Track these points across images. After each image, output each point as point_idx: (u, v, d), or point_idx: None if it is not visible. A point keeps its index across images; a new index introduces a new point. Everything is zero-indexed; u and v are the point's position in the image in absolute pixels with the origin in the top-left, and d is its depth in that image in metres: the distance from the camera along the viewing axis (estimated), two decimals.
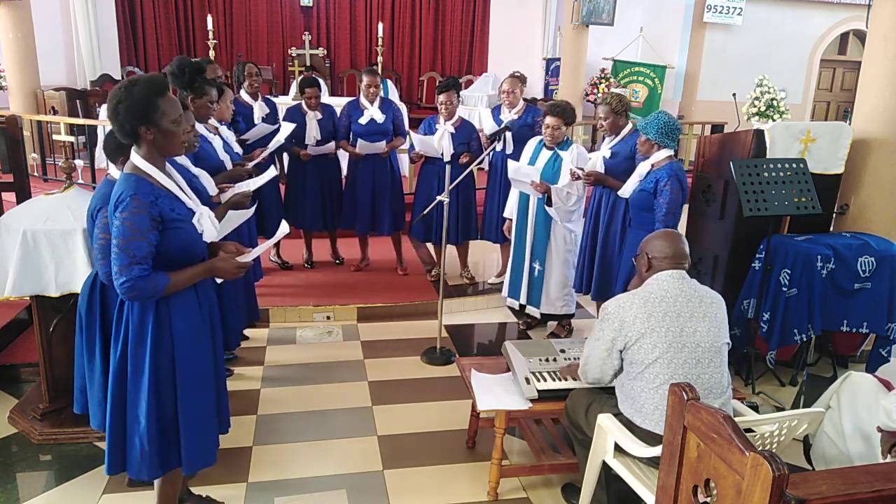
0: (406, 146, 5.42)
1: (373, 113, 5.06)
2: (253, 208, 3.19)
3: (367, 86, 5.05)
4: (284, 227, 2.61)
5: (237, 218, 2.95)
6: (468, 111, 8.11)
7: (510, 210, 4.58)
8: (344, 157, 5.51)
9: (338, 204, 5.33)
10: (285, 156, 5.26)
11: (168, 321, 2.24)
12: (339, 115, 5.21)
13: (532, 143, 4.43)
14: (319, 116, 5.09)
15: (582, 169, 4.09)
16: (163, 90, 2.15)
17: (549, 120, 4.18)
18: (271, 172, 3.61)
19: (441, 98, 4.88)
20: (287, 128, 4.64)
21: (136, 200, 2.09)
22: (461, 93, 7.29)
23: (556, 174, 4.17)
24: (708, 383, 2.37)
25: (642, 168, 3.69)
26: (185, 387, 2.28)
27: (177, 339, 2.26)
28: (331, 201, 5.29)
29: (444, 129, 4.89)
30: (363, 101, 5.10)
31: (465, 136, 4.93)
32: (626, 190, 3.79)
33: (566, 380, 2.89)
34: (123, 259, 2.09)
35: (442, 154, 4.88)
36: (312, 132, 5.06)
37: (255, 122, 4.92)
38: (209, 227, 2.32)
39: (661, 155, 3.56)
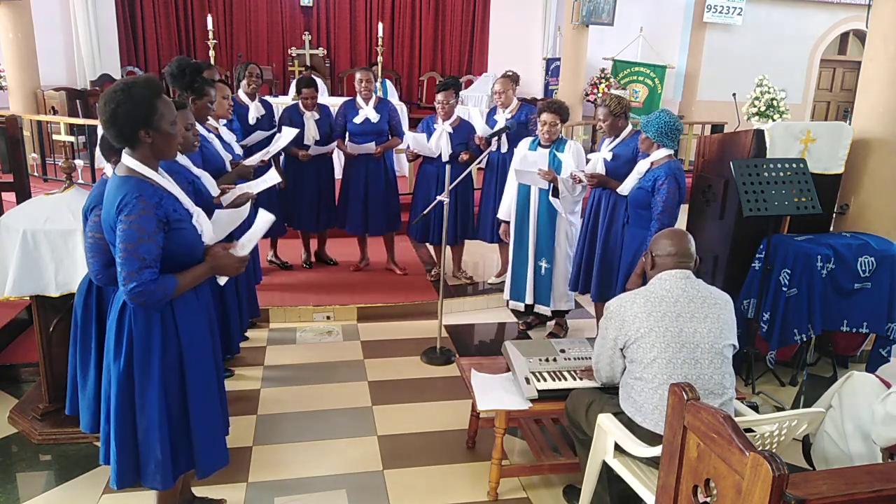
0: (404, 146, 5.41)
1: (367, 113, 5.05)
2: (246, 208, 3.17)
3: (359, 81, 5.04)
4: (268, 216, 2.54)
5: (233, 218, 2.92)
6: (468, 111, 8.10)
7: (504, 212, 4.56)
8: (339, 158, 5.51)
9: (333, 204, 5.33)
10: (281, 156, 5.25)
11: (174, 327, 2.21)
12: (335, 114, 5.21)
13: (525, 143, 4.42)
14: (317, 117, 5.09)
15: (583, 171, 4.08)
16: (160, 92, 2.11)
17: (545, 117, 4.18)
18: (274, 177, 3.56)
19: (439, 97, 4.87)
20: (290, 133, 4.56)
21: (142, 202, 2.04)
22: (461, 92, 7.28)
23: (558, 168, 4.17)
24: (707, 384, 2.37)
25: (641, 166, 3.70)
26: (196, 392, 2.26)
27: (184, 345, 2.23)
28: (327, 202, 5.29)
29: (443, 128, 4.89)
30: (359, 100, 5.10)
31: (464, 136, 4.93)
32: (626, 187, 3.80)
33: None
34: (133, 263, 2.03)
35: (440, 154, 4.87)
36: (311, 132, 5.06)
37: (251, 122, 4.91)
38: (208, 226, 2.31)
39: (660, 154, 3.57)
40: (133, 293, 2.05)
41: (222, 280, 2.38)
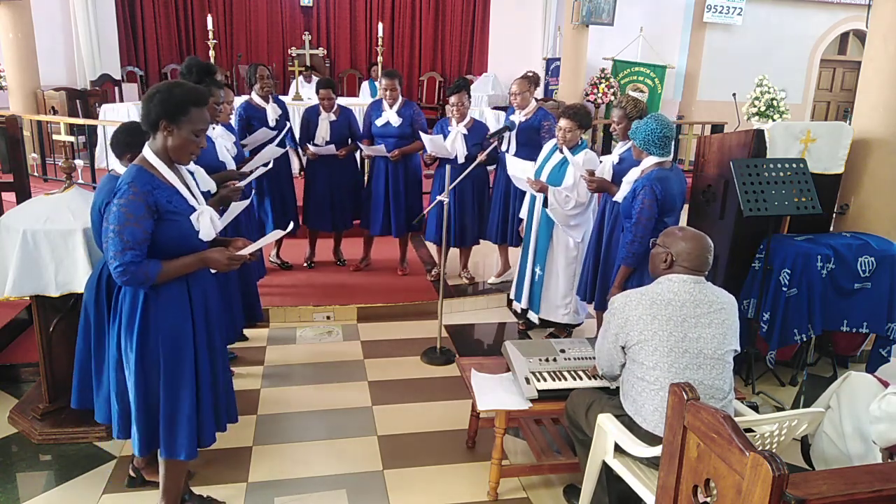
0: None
1: (389, 116, 5.05)
2: (248, 200, 3.20)
3: (384, 89, 5.05)
4: (280, 232, 2.64)
5: (234, 209, 2.97)
6: (482, 111, 8.09)
7: (524, 211, 4.55)
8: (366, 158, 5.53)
9: (347, 205, 5.32)
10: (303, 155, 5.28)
11: (154, 314, 2.31)
12: (364, 115, 5.23)
13: (548, 146, 4.37)
14: (333, 118, 5.09)
15: (592, 173, 4.01)
16: (200, 102, 2.29)
17: (562, 122, 4.13)
18: (262, 167, 3.61)
19: (452, 100, 4.86)
20: (264, 156, 4.29)
21: (133, 188, 2.18)
22: None
23: (561, 178, 4.12)
24: (709, 389, 2.37)
25: (631, 175, 3.60)
26: (167, 379, 2.36)
27: (161, 332, 2.32)
28: (340, 202, 5.27)
29: (457, 130, 4.87)
30: (384, 102, 5.11)
31: (479, 136, 4.90)
32: (619, 195, 3.74)
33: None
34: (118, 244, 2.17)
35: (456, 156, 4.85)
36: (322, 132, 5.07)
37: (270, 123, 4.94)
38: (207, 225, 2.36)
39: (648, 161, 3.44)
40: (116, 272, 2.20)
41: (212, 271, 2.46)
